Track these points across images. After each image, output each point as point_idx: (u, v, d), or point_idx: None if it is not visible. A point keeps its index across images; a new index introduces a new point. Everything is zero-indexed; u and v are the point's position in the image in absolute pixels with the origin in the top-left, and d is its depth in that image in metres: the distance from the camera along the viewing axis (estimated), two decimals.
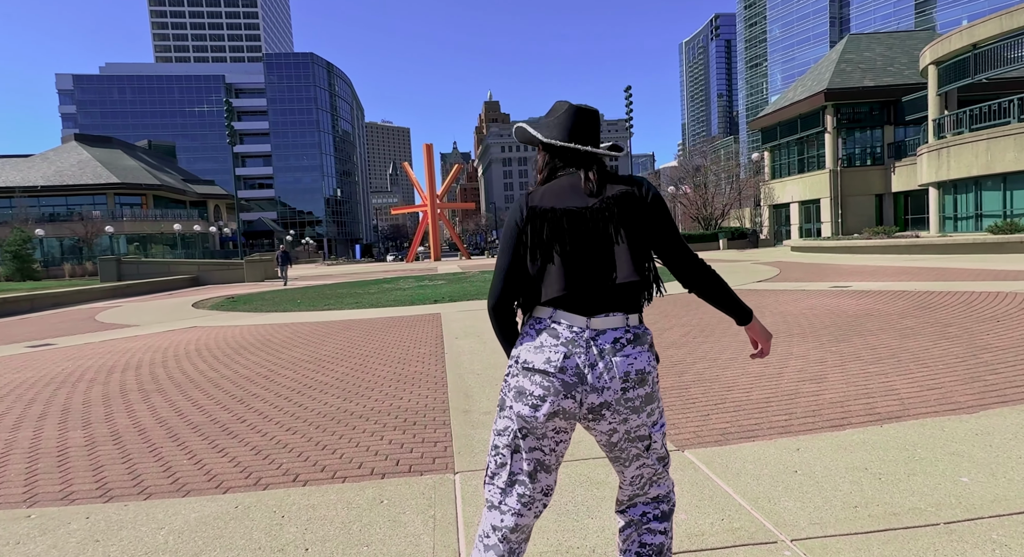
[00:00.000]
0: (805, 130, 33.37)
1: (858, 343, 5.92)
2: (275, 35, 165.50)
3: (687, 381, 4.83)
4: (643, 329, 1.57)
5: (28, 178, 56.38)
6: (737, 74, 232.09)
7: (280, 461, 3.41)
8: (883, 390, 4.22)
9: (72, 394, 5.52)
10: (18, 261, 38.01)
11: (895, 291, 10.15)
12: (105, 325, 12.31)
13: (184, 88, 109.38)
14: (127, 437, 4.04)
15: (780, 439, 3.39)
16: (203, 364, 6.75)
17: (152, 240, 56.61)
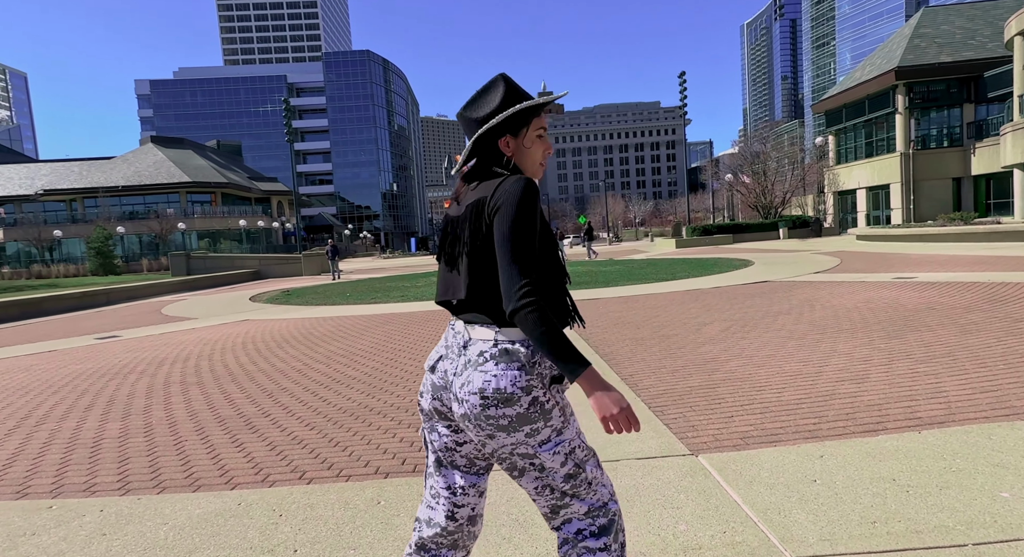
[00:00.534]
0: (874, 111, 31.52)
1: (912, 339, 5.51)
2: (334, 34, 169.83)
3: (716, 380, 4.62)
4: (517, 345, 1.41)
5: (110, 179, 60.19)
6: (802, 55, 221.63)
7: (291, 458, 3.46)
8: (930, 392, 3.90)
9: (121, 386, 5.81)
10: (101, 257, 40.69)
11: (965, 282, 9.43)
12: (168, 318, 12.97)
13: (249, 89, 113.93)
14: (158, 430, 4.20)
15: (804, 444, 3.18)
16: (244, 358, 6.98)
17: (220, 236, 59.39)
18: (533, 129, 1.56)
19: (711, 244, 33.29)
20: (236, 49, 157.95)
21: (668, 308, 8.94)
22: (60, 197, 59.63)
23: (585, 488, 1.50)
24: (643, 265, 19.53)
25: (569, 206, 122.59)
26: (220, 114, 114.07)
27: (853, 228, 31.76)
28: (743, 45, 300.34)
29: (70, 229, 55.92)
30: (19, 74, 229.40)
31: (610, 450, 3.27)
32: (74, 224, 56.83)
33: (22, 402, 5.39)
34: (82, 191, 59.04)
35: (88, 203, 59.79)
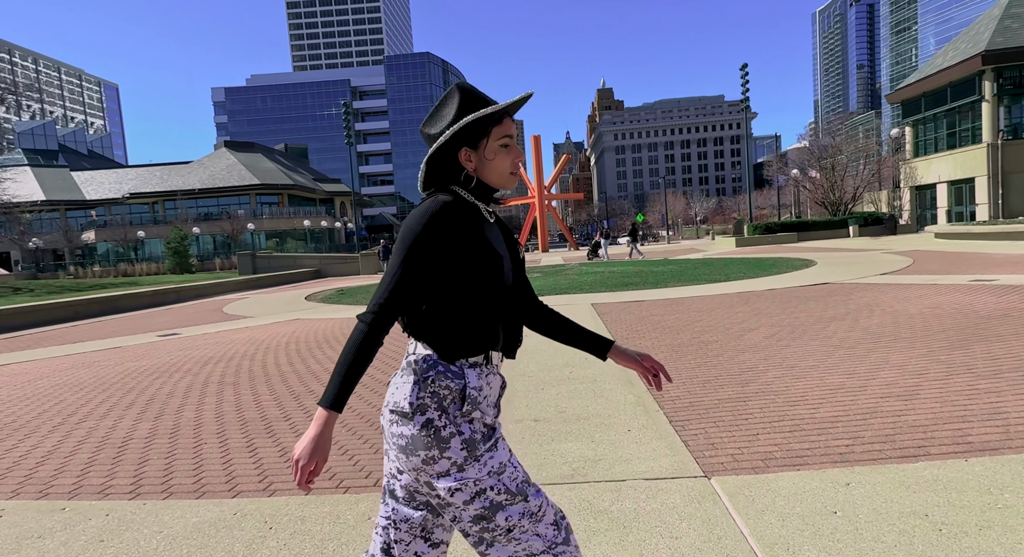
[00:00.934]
0: (956, 100, 29.33)
1: (978, 351, 5.02)
2: (396, 37, 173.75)
3: (749, 392, 4.34)
4: (421, 359, 1.37)
5: (188, 182, 63.80)
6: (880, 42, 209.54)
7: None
8: (987, 413, 3.50)
9: (165, 384, 6.05)
10: (177, 256, 43.09)
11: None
12: (228, 316, 13.53)
13: (315, 93, 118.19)
14: (183, 431, 4.32)
15: (832, 469, 2.90)
16: (284, 358, 7.14)
17: (287, 235, 61.83)
18: (494, 139, 1.45)
19: (774, 243, 31.92)
20: (304, 55, 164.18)
21: (714, 312, 8.56)
22: (144, 200, 63.69)
23: (503, 536, 1.34)
24: (697, 265, 18.91)
25: (627, 204, 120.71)
26: (288, 118, 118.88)
27: (932, 225, 29.68)
28: (815, 34, 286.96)
29: (152, 230, 59.60)
30: (112, 86, 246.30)
31: (617, 469, 3.10)
32: (156, 225, 60.53)
33: (73, 398, 5.69)
34: (163, 194, 62.86)
35: (168, 205, 63.61)
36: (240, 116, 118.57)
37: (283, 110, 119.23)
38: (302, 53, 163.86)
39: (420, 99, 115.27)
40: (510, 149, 1.47)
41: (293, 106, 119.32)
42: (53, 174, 70.57)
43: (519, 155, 1.50)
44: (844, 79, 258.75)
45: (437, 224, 1.34)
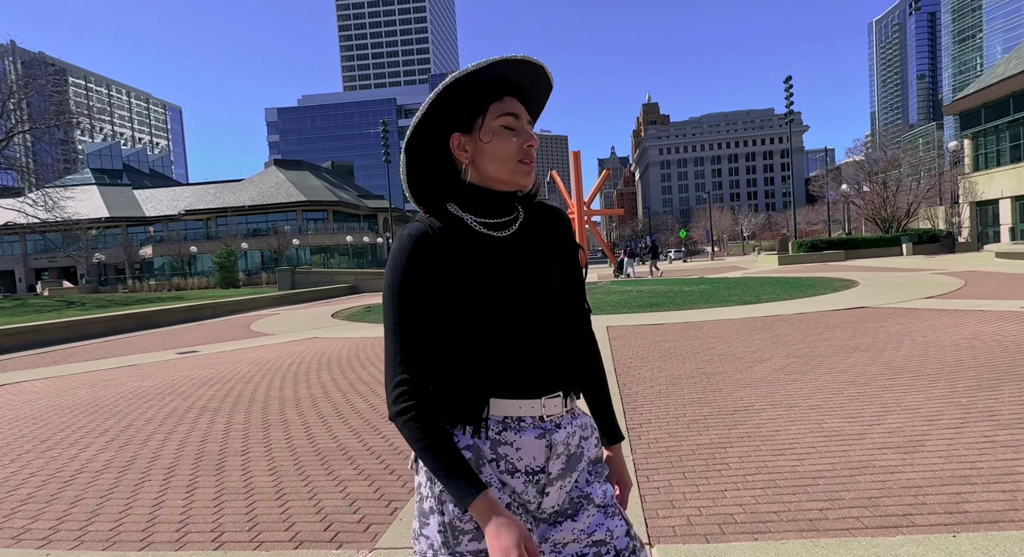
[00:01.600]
0: (1020, 110, 27.61)
1: (1007, 394, 4.47)
2: (443, 56, 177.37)
3: (734, 436, 3.95)
4: None
5: (239, 199, 66.22)
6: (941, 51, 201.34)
7: (224, 514, 3.22)
8: (996, 473, 3.04)
9: (150, 409, 6.03)
10: (224, 271, 44.57)
11: None
12: (251, 333, 13.71)
13: (362, 112, 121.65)
14: (136, 464, 4.23)
15: (793, 541, 2.52)
16: (277, 382, 7.07)
17: (332, 251, 63.26)
18: (491, 117, 1.11)
19: (820, 261, 30.61)
20: (354, 75, 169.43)
21: (731, 338, 8.08)
22: (198, 216, 66.41)
23: None
24: (732, 284, 18.19)
25: (672, 219, 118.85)
26: (336, 136, 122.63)
27: (994, 244, 27.89)
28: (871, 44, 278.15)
29: (205, 245, 61.99)
30: (175, 108, 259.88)
31: None
32: (208, 240, 62.96)
33: (58, 421, 5.72)
34: (216, 211, 65.39)
35: (220, 221, 66.12)
36: (291, 135, 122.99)
37: (332, 128, 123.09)
38: (352, 73, 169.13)
39: None
40: (516, 131, 1.13)
41: (341, 124, 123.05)
42: (116, 192, 74.53)
43: (529, 138, 1.14)
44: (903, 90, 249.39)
45: (409, 270, 1.06)
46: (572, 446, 1.16)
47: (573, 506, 1.16)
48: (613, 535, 1.14)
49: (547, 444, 1.12)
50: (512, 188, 1.16)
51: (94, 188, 72.47)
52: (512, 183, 1.15)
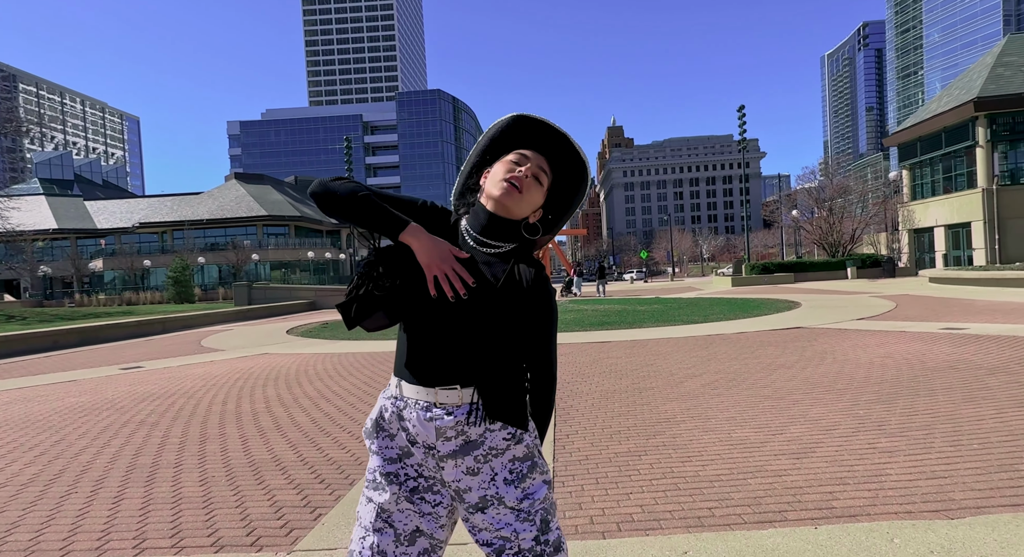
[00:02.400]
0: (951, 144, 29.43)
1: (900, 406, 4.88)
2: (411, 72, 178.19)
3: (651, 445, 4.22)
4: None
5: (196, 213, 64.81)
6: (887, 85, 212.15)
7: (149, 523, 3.31)
8: (867, 475, 3.37)
9: (84, 424, 6.00)
10: (178, 286, 43.48)
11: (1017, 337, 8.42)
12: (201, 349, 13.52)
13: (328, 128, 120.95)
14: (64, 476, 4.26)
15: (680, 535, 2.78)
16: (220, 397, 7.09)
17: (293, 266, 62.35)
18: (509, 153, 1.49)
19: (770, 283, 31.72)
20: (320, 90, 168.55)
21: (671, 355, 8.44)
22: (154, 229, 64.69)
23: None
24: (684, 304, 18.77)
25: (635, 240, 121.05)
26: (300, 151, 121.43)
27: (928, 269, 29.46)
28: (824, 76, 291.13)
29: (159, 259, 60.33)
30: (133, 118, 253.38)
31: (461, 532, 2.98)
32: (163, 254, 61.30)
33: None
34: (172, 224, 63.83)
35: (176, 235, 64.54)
36: (253, 148, 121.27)
37: (296, 143, 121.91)
38: (318, 88, 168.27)
39: (430, 134, 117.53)
40: (517, 163, 1.44)
41: (306, 139, 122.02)
42: (66, 203, 72.07)
43: (521, 162, 1.44)
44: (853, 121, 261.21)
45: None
46: (471, 434, 1.36)
47: (484, 502, 1.36)
48: (519, 537, 1.35)
49: (435, 426, 1.35)
50: (498, 207, 1.41)
51: (42, 198, 69.96)
52: (496, 198, 1.40)
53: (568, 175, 1.51)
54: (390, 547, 1.36)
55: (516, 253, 1.45)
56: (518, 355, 1.43)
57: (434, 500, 1.40)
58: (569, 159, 1.49)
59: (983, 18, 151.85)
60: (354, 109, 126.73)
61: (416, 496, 1.39)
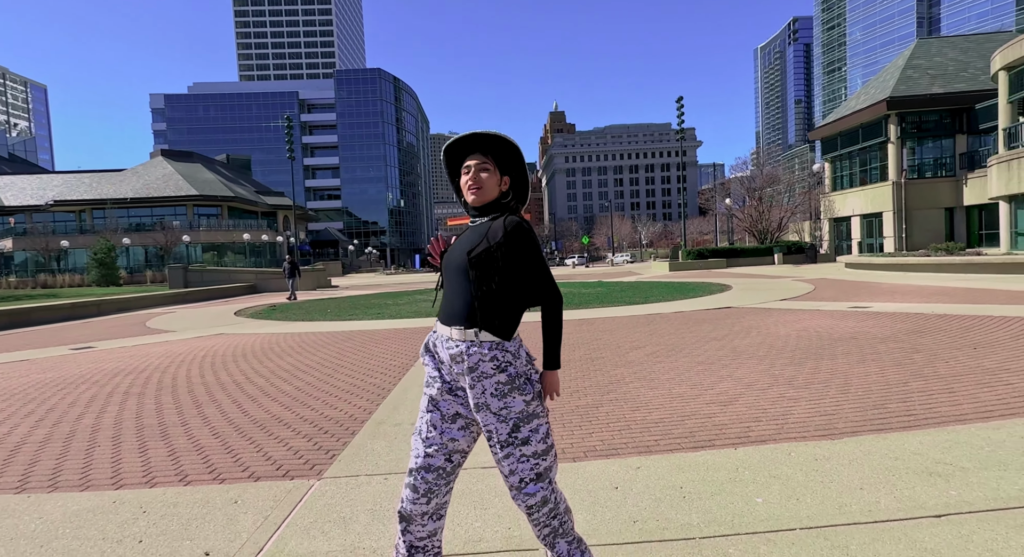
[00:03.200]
0: (867, 140, 31.95)
1: (808, 367, 5.87)
2: (349, 51, 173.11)
3: (605, 400, 5.00)
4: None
5: (120, 191, 61.56)
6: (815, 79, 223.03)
7: (183, 463, 3.86)
8: (777, 414, 4.26)
9: (67, 395, 6.26)
10: (103, 268, 41.49)
11: (908, 313, 9.76)
12: (150, 330, 13.47)
13: (261, 104, 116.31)
14: (78, 436, 4.64)
15: (633, 457, 3.56)
16: (195, 371, 7.43)
17: (226, 249, 60.36)
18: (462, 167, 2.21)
19: (705, 268, 33.60)
20: (252, 65, 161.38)
21: (616, 332, 9.31)
22: (70, 208, 61.02)
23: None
24: (625, 288, 19.90)
25: (576, 226, 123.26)
26: (232, 128, 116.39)
27: (845, 255, 32.01)
28: (756, 68, 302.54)
29: (78, 240, 57.10)
30: (39, 86, 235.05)
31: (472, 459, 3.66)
32: (82, 235, 58.04)
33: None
34: (92, 202, 60.42)
35: (97, 214, 61.13)
36: (180, 124, 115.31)
37: (227, 120, 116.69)
38: (250, 62, 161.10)
39: (370, 115, 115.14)
40: (464, 174, 2.16)
41: (237, 116, 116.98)
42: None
43: (467, 171, 2.14)
44: (783, 112, 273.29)
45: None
46: (470, 362, 1.97)
47: (478, 406, 1.97)
48: (498, 431, 1.98)
49: (449, 353, 2.03)
50: (474, 201, 2.12)
51: None
52: (470, 200, 2.13)
53: (504, 151, 2.18)
54: (438, 422, 2.06)
55: (503, 216, 2.11)
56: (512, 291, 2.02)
57: (464, 395, 2.06)
58: (497, 143, 2.16)
59: (900, 19, 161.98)
60: (289, 86, 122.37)
61: (451, 394, 2.07)
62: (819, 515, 2.68)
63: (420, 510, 2.02)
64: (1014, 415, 4.01)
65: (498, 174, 2.14)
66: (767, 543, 2.46)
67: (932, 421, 3.97)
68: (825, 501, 2.80)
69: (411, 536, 2.06)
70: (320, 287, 32.47)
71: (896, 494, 2.86)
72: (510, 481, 2.01)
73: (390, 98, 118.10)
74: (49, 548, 2.74)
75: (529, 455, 1.98)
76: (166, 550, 2.68)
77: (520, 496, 2.00)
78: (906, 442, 3.57)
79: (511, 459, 1.98)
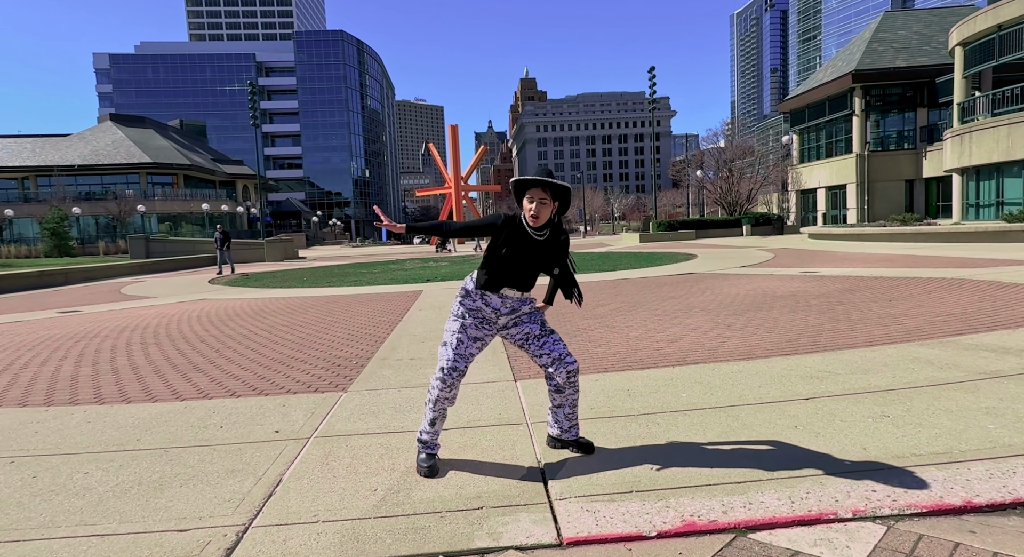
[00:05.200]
0: (833, 113, 33.54)
1: (747, 317, 7.08)
2: (308, 12, 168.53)
3: (573, 341, 6.11)
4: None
5: (66, 157, 60.07)
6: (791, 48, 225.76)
7: (227, 385, 4.85)
8: (711, 348, 5.43)
9: (89, 345, 7.12)
10: (56, 238, 41.11)
11: (849, 277, 11.10)
12: (128, 297, 14.14)
13: (215, 67, 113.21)
14: (122, 371, 5.56)
15: (594, 375, 4.67)
16: (198, 326, 8.31)
17: (182, 219, 59.72)
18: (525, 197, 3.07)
19: (674, 239, 35.08)
20: (203, 23, 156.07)
21: (585, 294, 10.43)
22: (11, 175, 59.40)
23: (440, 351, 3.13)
24: (596, 258, 21.09)
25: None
26: (184, 92, 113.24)
27: (811, 227, 33.80)
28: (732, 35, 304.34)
29: (22, 209, 55.88)
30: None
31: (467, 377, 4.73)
32: (26, 204, 56.77)
33: (7, 357, 6.68)
34: (35, 169, 58.92)
35: (42, 182, 59.69)
36: (128, 86, 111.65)
37: (178, 83, 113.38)
38: (200, 21, 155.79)
39: (332, 79, 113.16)
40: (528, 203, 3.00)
41: (190, 79, 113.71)
42: None
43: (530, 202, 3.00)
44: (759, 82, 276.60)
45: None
46: (517, 306, 3.12)
47: (516, 322, 3.14)
48: (534, 329, 3.14)
49: (502, 301, 3.11)
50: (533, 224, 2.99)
51: None
52: (530, 225, 3.00)
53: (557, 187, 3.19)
54: (466, 340, 3.09)
55: (551, 229, 3.14)
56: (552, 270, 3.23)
57: (489, 329, 3.15)
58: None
59: None
60: (245, 47, 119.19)
61: (483, 326, 3.13)
62: (724, 401, 3.84)
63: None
64: (892, 343, 5.25)
65: (551, 204, 3.00)
66: (684, 417, 3.60)
67: (829, 348, 5.18)
68: (731, 394, 3.97)
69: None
70: (288, 258, 32.98)
71: (781, 388, 4.04)
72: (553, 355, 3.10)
73: (353, 62, 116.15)
74: (151, 432, 3.73)
75: (558, 339, 3.16)
76: (244, 430, 3.70)
77: (562, 364, 3.08)
78: (802, 361, 4.76)
79: (548, 344, 3.10)
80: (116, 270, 23.08)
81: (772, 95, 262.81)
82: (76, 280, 20.33)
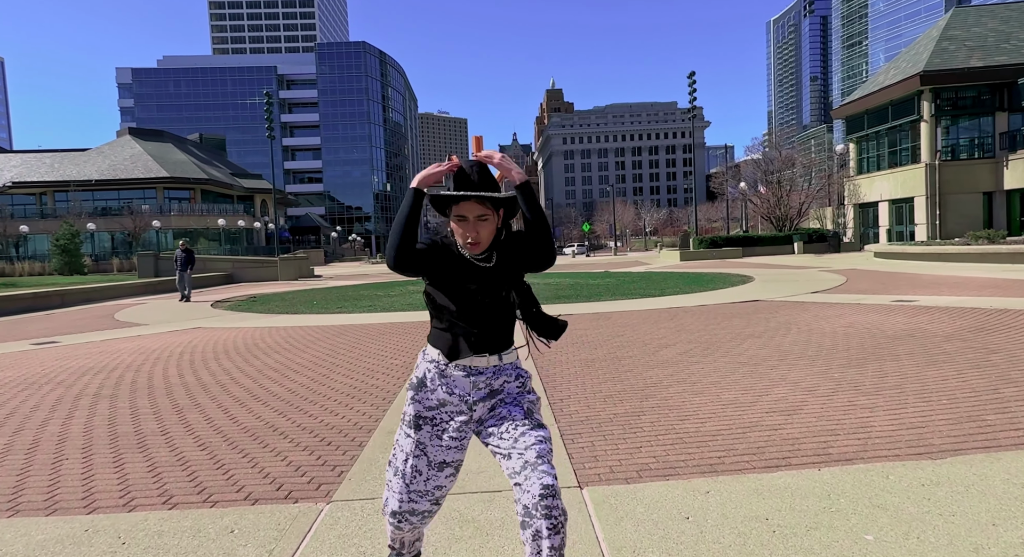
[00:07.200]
0: (897, 118, 31.60)
1: (870, 370, 5.57)
2: (331, 24, 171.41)
3: (646, 407, 4.69)
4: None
5: (84, 172, 60.76)
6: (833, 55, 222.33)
7: (166, 481, 3.53)
8: (854, 427, 3.95)
9: (31, 397, 5.91)
10: (66, 255, 40.88)
11: (963, 308, 9.48)
12: (118, 324, 13.09)
13: (236, 80, 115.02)
14: (44, 447, 4.29)
15: (697, 479, 3.24)
16: (173, 370, 7.08)
17: (199, 235, 59.72)
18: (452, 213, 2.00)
19: (719, 257, 33.35)
20: (226, 37, 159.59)
21: (638, 327, 9.01)
22: (29, 190, 60.20)
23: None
24: (636, 278, 19.60)
25: (575, 212, 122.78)
26: (205, 106, 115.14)
27: (873, 244, 31.73)
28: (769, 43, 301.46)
29: (38, 224, 56.37)
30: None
31: (496, 480, 3.33)
32: (43, 219, 57.30)
33: None
34: (53, 184, 59.62)
35: (59, 197, 60.35)
36: (149, 101, 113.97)
37: (199, 96, 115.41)
38: (224, 34, 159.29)
39: (354, 91, 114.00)
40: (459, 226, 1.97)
41: (211, 92, 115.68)
42: None
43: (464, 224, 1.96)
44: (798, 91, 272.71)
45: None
46: (495, 384, 2.03)
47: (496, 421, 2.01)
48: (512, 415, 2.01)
49: (471, 382, 2.01)
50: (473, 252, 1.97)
51: None
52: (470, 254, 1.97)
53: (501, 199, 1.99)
54: (424, 468, 2.02)
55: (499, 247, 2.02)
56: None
57: (462, 437, 2.04)
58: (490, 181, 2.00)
59: None
60: (267, 60, 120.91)
61: (446, 435, 2.02)
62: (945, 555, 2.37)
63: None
64: None
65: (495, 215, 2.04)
66: None
67: None
68: (954, 541, 2.49)
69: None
70: (302, 277, 32.08)
71: None
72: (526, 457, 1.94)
73: (376, 74, 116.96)
74: None
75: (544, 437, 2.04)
76: None
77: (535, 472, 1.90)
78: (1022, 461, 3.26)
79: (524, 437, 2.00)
80: (118, 291, 22.28)
81: (812, 104, 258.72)
82: (74, 302, 19.51)
